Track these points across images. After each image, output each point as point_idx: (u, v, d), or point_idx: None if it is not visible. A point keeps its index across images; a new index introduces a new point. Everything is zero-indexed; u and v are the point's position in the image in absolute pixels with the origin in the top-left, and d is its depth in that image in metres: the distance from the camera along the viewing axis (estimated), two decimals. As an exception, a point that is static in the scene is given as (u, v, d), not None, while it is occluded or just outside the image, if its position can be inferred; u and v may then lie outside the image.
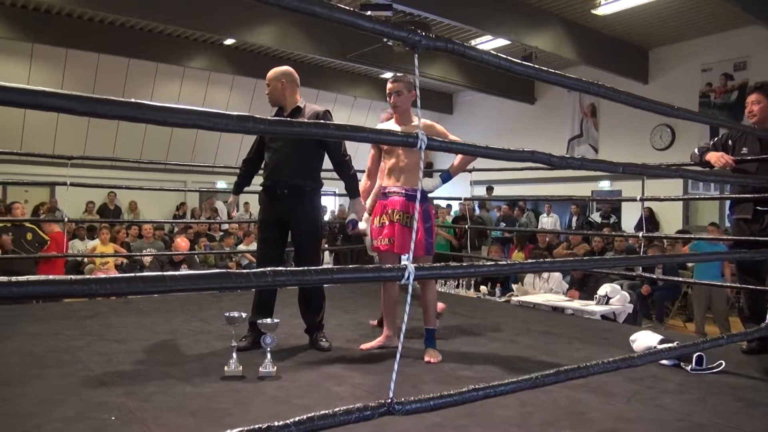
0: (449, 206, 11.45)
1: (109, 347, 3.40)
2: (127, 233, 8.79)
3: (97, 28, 10.39)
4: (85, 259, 7.72)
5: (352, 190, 3.51)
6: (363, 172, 3.72)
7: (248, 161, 3.68)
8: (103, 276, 1.10)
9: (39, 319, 4.16)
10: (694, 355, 3.08)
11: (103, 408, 2.40)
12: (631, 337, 3.58)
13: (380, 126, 3.48)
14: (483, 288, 6.94)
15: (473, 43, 10.47)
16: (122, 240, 8.42)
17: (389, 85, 3.36)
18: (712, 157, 3.54)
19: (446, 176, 3.41)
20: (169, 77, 12.41)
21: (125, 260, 7.71)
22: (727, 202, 4.08)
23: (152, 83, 12.29)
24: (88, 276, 1.11)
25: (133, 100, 1.14)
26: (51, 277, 1.04)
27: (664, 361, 3.19)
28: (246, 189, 3.91)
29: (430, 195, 3.54)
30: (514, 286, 6.93)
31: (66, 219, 6.09)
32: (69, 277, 1.06)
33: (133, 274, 1.13)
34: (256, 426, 1.21)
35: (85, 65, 11.38)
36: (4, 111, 10.28)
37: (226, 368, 2.88)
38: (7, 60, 10.82)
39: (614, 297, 5.65)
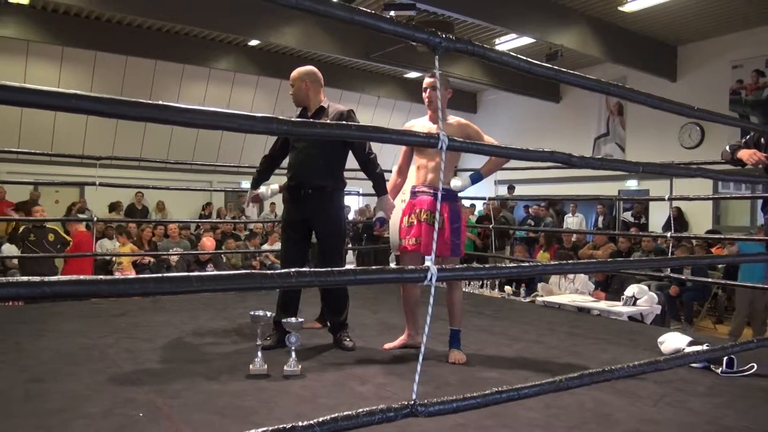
0: (473, 206, 11.38)
1: (137, 345, 3.45)
2: (153, 233, 8.92)
3: (125, 31, 10.56)
4: (114, 259, 7.85)
5: (379, 188, 3.50)
6: (390, 171, 3.71)
7: (268, 158, 3.69)
8: (132, 276, 1.12)
9: (69, 317, 4.25)
10: (725, 358, 3.03)
11: (131, 405, 2.44)
12: (659, 339, 3.52)
13: (408, 124, 3.47)
14: (508, 288, 6.90)
15: (498, 41, 10.41)
16: (149, 239, 8.54)
17: (426, 80, 3.32)
18: (744, 154, 3.47)
19: (476, 177, 3.34)
20: (195, 78, 12.57)
21: (152, 259, 7.81)
22: (759, 202, 4.00)
23: (179, 84, 12.46)
24: (116, 276, 1.13)
25: (160, 102, 1.16)
26: (81, 277, 1.06)
27: (693, 364, 3.13)
28: None
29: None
30: (538, 286, 6.87)
31: (95, 219, 6.20)
32: (98, 277, 1.08)
33: (160, 275, 1.14)
34: (281, 426, 1.22)
35: (114, 67, 11.58)
36: (36, 113, 10.54)
37: (251, 367, 2.91)
38: (38, 63, 11.06)
39: (641, 298, 5.57)
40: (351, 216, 12.39)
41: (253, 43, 11.34)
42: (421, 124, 3.40)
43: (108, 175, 8.27)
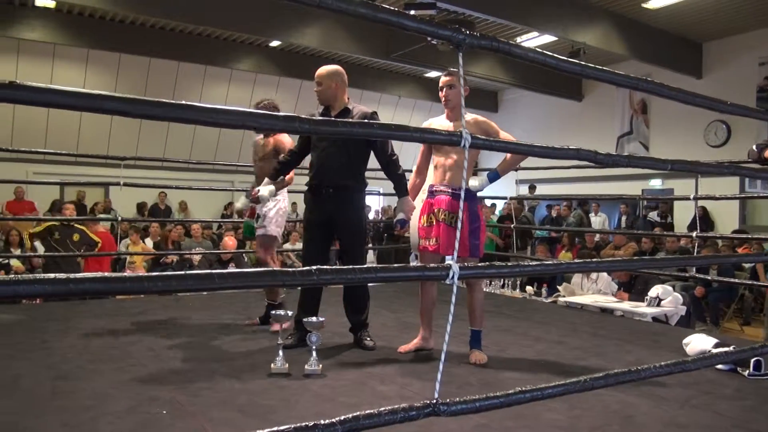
0: (493, 205, 11.32)
1: (160, 343, 3.49)
2: (172, 232, 8.99)
3: (149, 33, 10.70)
4: (128, 257, 7.90)
5: (400, 190, 3.49)
6: (410, 171, 3.69)
7: (292, 153, 3.70)
8: (155, 273, 1.13)
9: (94, 315, 4.31)
10: (752, 360, 2.97)
11: (155, 402, 2.47)
12: (684, 341, 3.47)
13: (428, 122, 3.45)
14: (529, 288, 6.84)
15: (519, 39, 10.33)
16: (173, 239, 8.62)
17: (443, 79, 3.32)
18: None
19: (494, 175, 3.32)
20: (217, 79, 12.68)
21: (175, 259, 7.88)
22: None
23: (201, 85, 12.58)
24: (140, 274, 1.14)
25: (183, 102, 1.17)
26: (106, 274, 1.07)
27: (719, 366, 3.08)
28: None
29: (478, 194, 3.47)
30: (560, 287, 6.80)
31: (120, 219, 6.28)
32: (123, 274, 1.09)
33: (183, 272, 1.15)
34: (303, 424, 1.22)
35: (138, 69, 11.74)
36: (61, 115, 10.72)
37: (272, 365, 2.92)
38: (64, 65, 11.25)
39: (666, 299, 5.48)
40: (371, 215, 12.42)
41: (274, 43, 11.41)
42: (439, 123, 3.37)
43: (132, 175, 8.39)
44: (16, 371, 2.86)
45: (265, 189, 3.68)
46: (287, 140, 3.90)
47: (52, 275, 1.00)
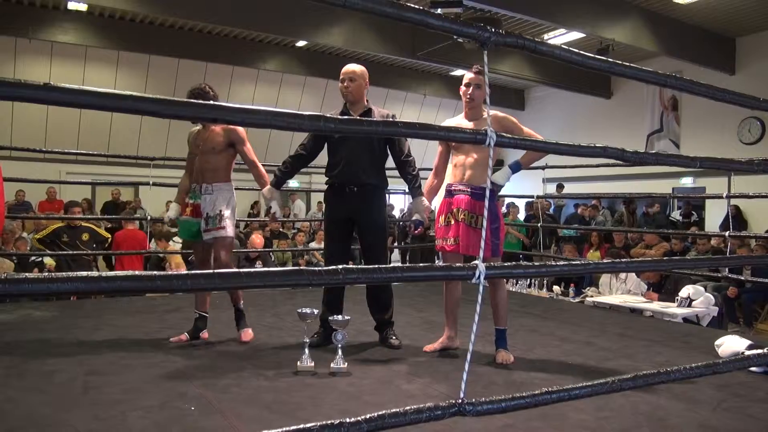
0: (514, 204, 11.21)
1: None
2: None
3: (177, 35, 10.87)
4: (165, 258, 8.02)
5: (414, 189, 3.48)
6: (430, 170, 3.68)
7: (297, 158, 3.66)
8: (184, 272, 1.14)
9: (124, 312, 4.39)
10: (787, 363, 2.89)
11: (183, 398, 2.51)
12: (717, 342, 3.39)
13: (449, 122, 3.44)
14: (556, 288, 6.78)
15: (546, 36, 10.22)
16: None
17: (469, 76, 3.24)
18: None
19: (515, 166, 3.20)
20: (244, 79, 12.81)
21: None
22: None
23: (228, 86, 12.72)
24: (169, 272, 1.16)
25: (212, 102, 1.19)
26: (137, 272, 1.09)
27: (753, 368, 3.01)
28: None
29: (500, 192, 3.42)
30: (584, 290, 6.71)
31: (149, 217, 6.38)
32: (153, 273, 1.11)
33: (211, 271, 1.17)
34: (329, 422, 1.23)
35: (166, 70, 11.92)
36: (93, 116, 10.96)
37: (298, 363, 2.94)
38: (96, 67, 11.49)
39: (697, 299, 5.37)
40: (397, 213, 12.42)
41: (301, 43, 11.49)
42: (457, 122, 3.34)
43: (161, 174, 8.51)
44: (50, 367, 2.93)
45: (278, 209, 3.64)
46: (241, 129, 3.69)
47: (84, 273, 1.02)
